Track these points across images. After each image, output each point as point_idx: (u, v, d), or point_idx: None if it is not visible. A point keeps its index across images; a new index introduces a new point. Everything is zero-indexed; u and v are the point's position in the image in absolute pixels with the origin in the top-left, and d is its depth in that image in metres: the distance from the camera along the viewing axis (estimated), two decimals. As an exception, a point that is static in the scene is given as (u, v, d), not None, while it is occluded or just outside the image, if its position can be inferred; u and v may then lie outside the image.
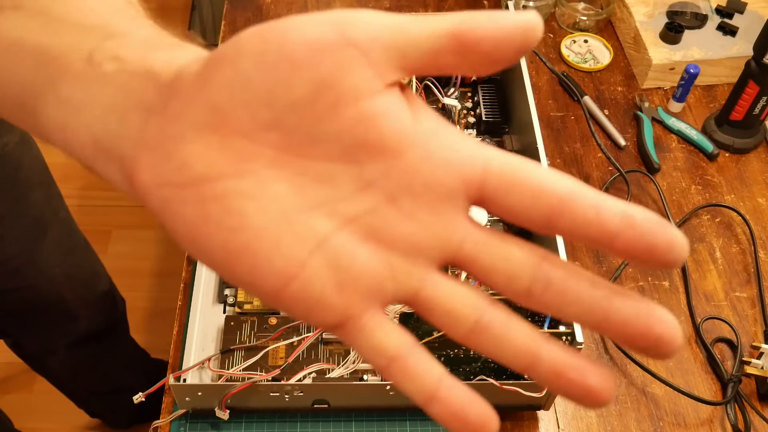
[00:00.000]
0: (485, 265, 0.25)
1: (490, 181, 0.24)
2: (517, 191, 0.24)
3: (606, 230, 0.23)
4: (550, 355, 0.25)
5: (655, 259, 0.23)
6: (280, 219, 0.24)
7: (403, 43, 0.23)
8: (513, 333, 0.25)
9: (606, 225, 0.23)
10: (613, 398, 0.25)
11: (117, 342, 1.21)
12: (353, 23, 0.23)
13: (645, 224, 0.23)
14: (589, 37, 1.01)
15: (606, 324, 0.24)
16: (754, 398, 0.71)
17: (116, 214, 1.77)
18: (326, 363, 0.65)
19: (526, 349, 0.25)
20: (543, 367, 0.25)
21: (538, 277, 0.24)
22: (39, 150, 0.90)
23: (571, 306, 0.24)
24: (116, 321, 1.18)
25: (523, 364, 0.25)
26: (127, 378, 1.23)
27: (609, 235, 0.23)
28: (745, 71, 0.85)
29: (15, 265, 0.90)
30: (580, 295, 0.24)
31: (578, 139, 0.91)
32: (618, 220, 0.23)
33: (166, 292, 1.64)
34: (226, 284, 0.72)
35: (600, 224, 0.23)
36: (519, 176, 0.24)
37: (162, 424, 0.66)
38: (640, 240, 0.23)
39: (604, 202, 0.23)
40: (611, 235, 0.23)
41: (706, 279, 0.79)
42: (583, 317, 0.24)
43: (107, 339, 1.16)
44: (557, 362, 0.25)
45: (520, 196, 0.24)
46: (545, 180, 0.24)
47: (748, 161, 0.90)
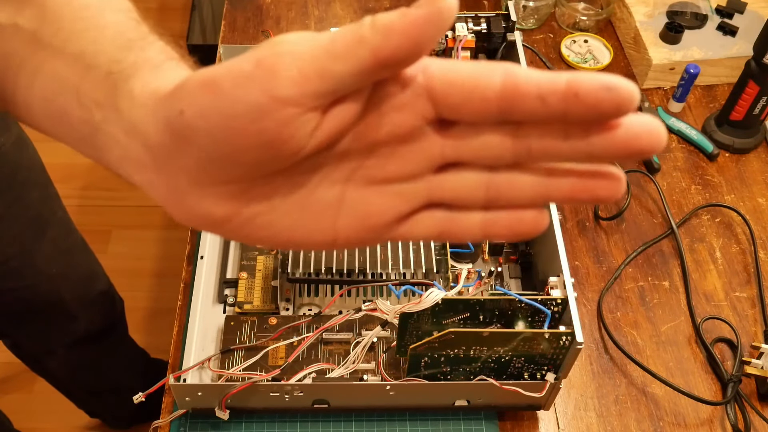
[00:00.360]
0: (471, 158, 0.28)
1: (435, 84, 0.26)
2: (458, 86, 0.26)
3: (554, 110, 0.25)
4: (561, 186, 0.27)
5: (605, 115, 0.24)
6: (299, 211, 0.29)
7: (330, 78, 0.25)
8: (521, 185, 0.28)
9: (552, 106, 0.25)
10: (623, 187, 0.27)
11: (116, 342, 1.21)
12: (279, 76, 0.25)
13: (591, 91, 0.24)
14: (589, 37, 1.01)
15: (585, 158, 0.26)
16: (754, 398, 0.71)
17: (116, 214, 1.77)
18: (326, 363, 0.65)
19: (538, 192, 0.28)
20: (559, 195, 0.28)
21: (519, 150, 0.27)
22: (35, 150, 0.90)
23: (555, 158, 0.27)
24: (115, 321, 1.18)
25: (541, 202, 0.28)
26: (127, 378, 1.23)
27: (558, 114, 0.25)
28: (745, 71, 0.85)
29: (14, 265, 0.90)
30: (559, 148, 0.26)
31: (578, 139, 0.91)
32: (561, 94, 0.24)
33: (166, 292, 1.64)
34: (226, 284, 0.72)
35: (546, 106, 0.25)
36: (456, 71, 0.26)
37: (162, 424, 0.66)
38: (593, 109, 0.24)
39: (544, 83, 0.25)
40: (561, 114, 0.25)
41: (706, 279, 0.79)
42: (564, 159, 0.27)
43: (106, 339, 1.16)
44: (572, 183, 0.27)
45: (461, 90, 0.26)
46: (481, 70, 0.26)
47: (748, 161, 0.90)
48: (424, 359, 0.61)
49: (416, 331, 0.62)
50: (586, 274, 0.79)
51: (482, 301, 0.61)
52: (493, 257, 0.76)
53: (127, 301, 1.21)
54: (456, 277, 0.70)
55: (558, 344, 0.59)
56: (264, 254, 0.74)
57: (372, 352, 0.67)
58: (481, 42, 0.83)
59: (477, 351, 0.60)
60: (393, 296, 0.71)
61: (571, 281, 0.62)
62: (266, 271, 0.73)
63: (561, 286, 0.63)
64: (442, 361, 0.61)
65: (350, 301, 0.72)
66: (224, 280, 0.73)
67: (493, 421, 0.68)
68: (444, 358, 0.61)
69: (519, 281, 0.74)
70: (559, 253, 0.64)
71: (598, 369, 0.73)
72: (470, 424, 0.67)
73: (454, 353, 0.60)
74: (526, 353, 0.61)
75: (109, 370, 1.22)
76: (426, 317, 0.60)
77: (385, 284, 0.70)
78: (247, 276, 0.72)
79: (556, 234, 0.65)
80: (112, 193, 1.82)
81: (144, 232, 1.74)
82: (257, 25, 1.02)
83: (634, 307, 0.77)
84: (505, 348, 0.60)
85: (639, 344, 0.74)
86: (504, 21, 0.82)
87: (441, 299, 0.59)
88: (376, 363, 0.66)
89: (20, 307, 0.97)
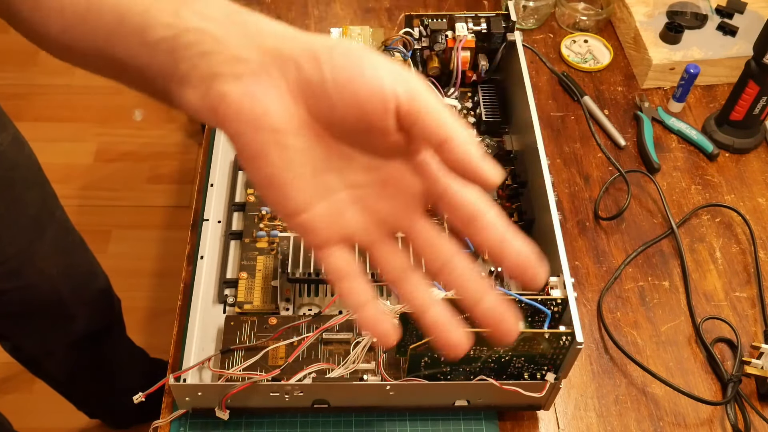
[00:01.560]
0: (419, 244, 0.40)
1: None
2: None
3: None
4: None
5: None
6: (309, 174, 0.36)
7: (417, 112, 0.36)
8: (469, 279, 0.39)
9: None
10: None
11: (115, 342, 1.21)
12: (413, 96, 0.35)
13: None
14: (589, 37, 1.01)
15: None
16: (754, 398, 0.71)
17: (116, 214, 1.77)
18: (326, 363, 0.65)
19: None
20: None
21: (447, 266, 0.39)
22: (31, 150, 0.90)
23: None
24: (113, 320, 1.18)
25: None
26: (126, 378, 1.23)
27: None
28: (745, 71, 0.85)
29: (13, 265, 0.90)
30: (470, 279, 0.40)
31: (578, 139, 0.91)
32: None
33: (166, 292, 1.64)
34: (226, 284, 0.72)
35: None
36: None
37: (162, 424, 0.66)
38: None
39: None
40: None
41: (706, 279, 0.79)
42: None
43: (105, 339, 1.16)
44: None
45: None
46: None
47: (748, 161, 0.90)
48: (424, 359, 0.61)
49: (416, 331, 0.62)
50: (586, 274, 0.79)
51: (482, 301, 0.60)
52: (493, 257, 0.75)
53: (126, 301, 1.21)
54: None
55: (558, 344, 0.59)
56: (264, 254, 0.74)
57: (372, 352, 0.67)
58: (481, 42, 0.83)
59: (477, 351, 0.60)
60: (393, 296, 0.71)
61: (571, 281, 0.62)
62: (266, 271, 0.73)
63: (561, 286, 0.63)
64: (442, 361, 0.61)
65: (350, 301, 0.72)
66: (224, 280, 0.73)
67: (493, 421, 0.68)
68: (444, 358, 0.61)
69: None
70: (559, 253, 0.63)
71: (598, 369, 0.73)
72: (470, 424, 0.67)
73: (454, 353, 0.60)
74: (526, 353, 0.61)
75: (108, 371, 1.22)
76: (426, 317, 0.60)
77: (385, 284, 0.70)
78: (247, 276, 0.72)
79: (556, 234, 0.65)
80: (111, 193, 1.82)
81: (144, 232, 1.74)
82: (257, 25, 1.02)
83: (634, 307, 0.77)
84: (505, 348, 0.60)
85: (639, 344, 0.74)
86: (504, 21, 0.82)
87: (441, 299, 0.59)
88: (376, 363, 0.66)
89: (20, 307, 0.97)
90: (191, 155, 1.90)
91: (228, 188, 0.80)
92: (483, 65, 0.85)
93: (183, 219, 1.74)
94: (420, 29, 0.84)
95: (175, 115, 1.97)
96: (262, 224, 0.76)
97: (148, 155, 1.88)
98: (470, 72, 0.86)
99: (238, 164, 0.81)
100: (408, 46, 0.82)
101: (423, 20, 0.84)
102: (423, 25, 0.84)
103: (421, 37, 0.84)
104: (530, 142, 0.73)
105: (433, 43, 0.83)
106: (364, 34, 0.83)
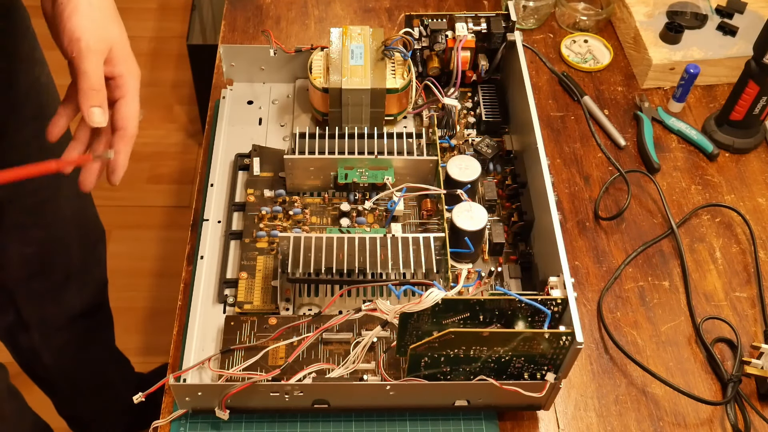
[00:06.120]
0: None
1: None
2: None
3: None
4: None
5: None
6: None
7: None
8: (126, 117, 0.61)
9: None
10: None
11: (101, 326, 1.21)
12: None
13: None
14: (589, 37, 1.01)
15: None
16: (754, 398, 0.71)
17: (116, 214, 1.77)
18: (326, 363, 0.65)
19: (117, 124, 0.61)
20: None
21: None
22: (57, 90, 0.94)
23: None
24: (102, 301, 1.18)
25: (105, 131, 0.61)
26: (112, 374, 1.23)
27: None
28: (745, 71, 0.85)
29: (43, 196, 0.93)
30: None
31: (578, 139, 0.91)
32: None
33: (166, 292, 1.64)
34: (226, 284, 0.72)
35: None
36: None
37: (162, 424, 0.66)
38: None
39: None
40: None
41: (706, 279, 0.79)
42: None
43: (93, 318, 1.15)
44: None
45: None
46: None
47: (748, 161, 0.90)
48: (424, 359, 0.61)
49: (416, 331, 0.62)
50: (586, 274, 0.79)
51: (482, 301, 0.61)
52: (493, 257, 0.76)
53: (126, 301, 1.21)
54: (456, 277, 0.70)
55: (558, 344, 0.59)
56: (264, 254, 0.74)
57: (372, 352, 0.67)
58: (481, 42, 0.83)
59: (477, 351, 0.60)
60: (393, 296, 0.71)
61: (571, 281, 0.62)
62: (266, 271, 0.73)
63: (561, 286, 0.63)
64: (442, 361, 0.61)
65: (350, 301, 0.72)
66: (224, 280, 0.73)
67: (493, 421, 0.68)
68: (444, 358, 0.61)
69: (519, 281, 0.74)
70: (559, 253, 0.63)
71: (598, 369, 0.73)
72: (470, 424, 0.67)
73: (454, 353, 0.60)
74: (526, 353, 0.61)
75: (95, 360, 1.21)
76: (426, 317, 0.60)
77: (385, 284, 0.70)
78: (247, 276, 0.72)
79: (556, 234, 0.65)
80: (112, 193, 1.81)
81: (144, 232, 1.74)
82: (257, 25, 1.02)
83: (634, 307, 0.77)
84: (505, 348, 0.60)
85: (639, 344, 0.74)
86: (504, 21, 0.82)
87: (441, 299, 0.59)
88: (376, 363, 0.66)
89: (32, 252, 0.98)
90: (191, 155, 1.90)
91: (228, 188, 0.80)
92: (483, 65, 0.85)
93: (183, 219, 1.74)
94: (420, 29, 0.84)
95: (175, 115, 1.97)
96: (262, 224, 0.76)
97: (148, 155, 1.88)
98: (470, 72, 0.86)
99: (238, 164, 0.81)
100: (408, 46, 0.82)
101: (423, 20, 0.84)
102: (423, 25, 0.84)
103: (421, 37, 0.84)
104: (530, 142, 0.73)
105: (433, 43, 0.83)
106: (364, 34, 0.83)
